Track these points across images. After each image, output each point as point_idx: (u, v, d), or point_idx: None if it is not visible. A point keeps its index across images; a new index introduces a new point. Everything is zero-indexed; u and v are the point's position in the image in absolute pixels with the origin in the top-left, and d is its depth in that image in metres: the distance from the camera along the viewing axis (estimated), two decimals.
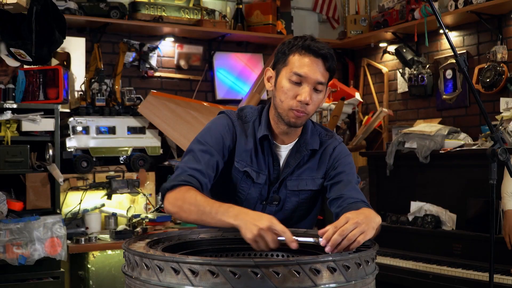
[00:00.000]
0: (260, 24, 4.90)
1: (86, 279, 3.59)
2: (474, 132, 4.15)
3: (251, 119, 1.93)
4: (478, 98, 1.84)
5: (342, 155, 1.96)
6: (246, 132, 1.91)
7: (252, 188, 1.91)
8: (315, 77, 1.78)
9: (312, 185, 1.93)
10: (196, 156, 1.81)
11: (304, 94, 1.78)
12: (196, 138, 1.88)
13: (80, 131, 4.02)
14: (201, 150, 1.82)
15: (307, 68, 1.78)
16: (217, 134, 1.87)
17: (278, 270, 1.23)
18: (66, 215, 3.84)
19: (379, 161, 4.30)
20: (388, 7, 4.86)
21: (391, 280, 3.73)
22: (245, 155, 1.89)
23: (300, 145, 1.92)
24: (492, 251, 1.86)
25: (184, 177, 1.74)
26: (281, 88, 1.83)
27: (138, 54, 4.56)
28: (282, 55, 1.85)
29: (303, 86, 1.79)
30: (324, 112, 4.95)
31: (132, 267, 1.37)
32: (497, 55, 4.03)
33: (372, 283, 1.41)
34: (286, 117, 1.83)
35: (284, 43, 1.87)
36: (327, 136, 1.98)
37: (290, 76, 1.80)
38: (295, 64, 1.80)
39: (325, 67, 1.81)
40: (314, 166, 1.93)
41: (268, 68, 1.92)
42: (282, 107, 1.83)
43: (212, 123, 1.93)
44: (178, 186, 1.72)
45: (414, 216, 3.94)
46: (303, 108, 1.80)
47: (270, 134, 1.89)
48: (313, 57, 1.79)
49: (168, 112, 4.22)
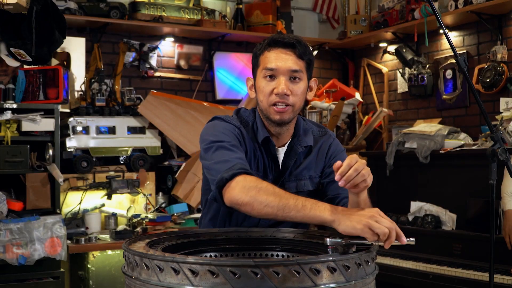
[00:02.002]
0: (260, 24, 4.90)
1: (86, 279, 3.59)
2: (474, 132, 4.15)
3: (250, 123, 1.90)
4: (478, 98, 1.84)
5: (337, 152, 1.94)
6: (249, 136, 1.87)
7: None
8: (287, 66, 1.78)
9: (311, 185, 1.92)
10: (230, 149, 1.71)
11: (280, 86, 1.77)
12: (210, 139, 1.76)
13: (80, 131, 4.02)
14: (230, 145, 1.73)
15: (277, 60, 1.78)
16: (231, 135, 1.79)
17: (278, 270, 1.23)
18: (66, 215, 3.85)
19: (379, 161, 4.30)
20: (388, 7, 4.86)
21: (391, 280, 3.73)
22: (253, 160, 1.86)
23: (294, 144, 1.90)
24: (492, 251, 1.86)
25: (240, 165, 1.64)
26: (259, 88, 1.83)
27: (138, 54, 4.56)
28: (255, 58, 1.86)
29: (278, 79, 1.78)
30: (324, 112, 4.95)
31: (132, 267, 1.37)
32: (497, 55, 4.03)
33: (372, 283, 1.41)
34: (271, 115, 1.80)
35: (255, 47, 1.87)
36: (320, 133, 1.96)
37: (264, 74, 1.80)
38: (266, 61, 1.80)
39: (295, 54, 1.79)
40: (311, 165, 1.92)
41: (249, 77, 1.92)
42: (263, 106, 1.82)
43: (218, 126, 1.83)
44: (239, 174, 1.61)
45: (414, 216, 3.94)
46: (283, 99, 1.77)
47: (269, 135, 1.87)
48: (281, 48, 1.79)
49: (168, 112, 4.22)
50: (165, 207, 4.16)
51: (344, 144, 4.91)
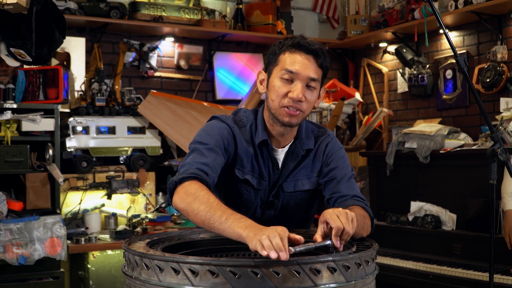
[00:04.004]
0: (260, 24, 4.90)
1: (86, 279, 3.59)
2: (474, 132, 4.15)
3: (247, 123, 1.89)
4: (478, 98, 1.84)
5: (334, 150, 1.94)
6: (244, 137, 1.86)
7: (253, 194, 1.88)
8: (306, 73, 1.76)
9: (308, 184, 1.92)
10: (202, 152, 1.74)
11: (296, 91, 1.75)
12: (195, 140, 1.80)
13: (80, 131, 4.02)
14: (206, 148, 1.75)
15: (298, 64, 1.76)
16: (217, 136, 1.80)
17: (278, 270, 1.23)
18: (66, 215, 3.84)
19: (379, 161, 4.30)
20: (388, 7, 4.86)
21: (391, 280, 3.73)
22: (245, 161, 1.85)
23: (296, 146, 1.89)
24: (492, 251, 1.85)
25: (193, 170, 1.66)
26: (273, 87, 1.80)
27: (138, 54, 4.56)
28: (273, 55, 1.83)
29: (295, 83, 1.76)
30: (324, 112, 4.95)
31: (132, 267, 1.37)
32: (497, 55, 4.03)
33: (372, 283, 1.41)
34: (280, 116, 1.79)
35: (275, 44, 1.85)
36: (320, 133, 1.96)
37: (281, 74, 1.77)
38: (286, 61, 1.77)
39: (317, 63, 1.79)
40: (308, 165, 1.92)
41: (260, 71, 1.90)
42: (274, 106, 1.79)
43: (209, 126, 1.86)
44: (188, 179, 1.63)
45: (414, 216, 3.94)
46: (296, 104, 1.76)
47: (268, 138, 1.86)
48: (304, 53, 1.77)
49: (168, 112, 4.22)
50: (165, 207, 4.16)
51: (344, 144, 4.91)
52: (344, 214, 1.46)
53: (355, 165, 4.85)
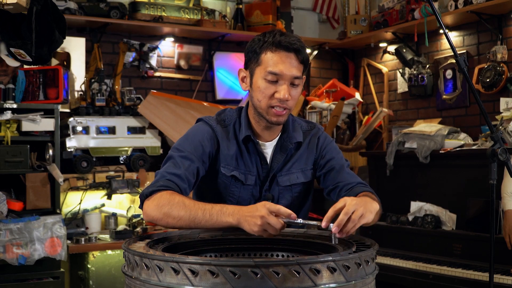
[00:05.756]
0: (260, 24, 4.90)
1: (86, 279, 3.59)
2: (474, 132, 4.15)
3: (231, 122, 1.91)
4: (478, 98, 1.84)
5: (327, 142, 1.97)
6: (227, 136, 1.89)
7: (243, 191, 1.90)
8: (291, 73, 1.77)
9: (303, 177, 1.94)
10: (175, 162, 1.78)
11: (282, 92, 1.76)
12: (174, 146, 1.86)
13: (80, 131, 4.02)
14: (181, 156, 1.79)
15: (281, 65, 1.76)
16: (196, 141, 1.84)
17: (278, 270, 1.23)
18: (66, 215, 3.84)
19: (379, 161, 4.30)
20: (388, 7, 4.86)
21: (391, 280, 3.73)
22: (230, 159, 1.87)
23: (284, 140, 1.91)
24: (492, 251, 1.86)
25: (162, 182, 1.72)
26: (257, 88, 1.80)
27: (138, 54, 4.56)
28: (254, 54, 1.81)
29: (280, 83, 1.77)
30: (324, 112, 4.95)
31: (132, 267, 1.37)
32: (497, 55, 4.03)
33: (372, 283, 1.41)
34: (268, 116, 1.81)
35: (253, 41, 1.83)
36: (309, 127, 1.99)
37: (265, 76, 1.77)
38: (268, 62, 1.77)
39: (298, 60, 1.78)
40: (302, 157, 1.94)
41: (241, 68, 1.89)
42: (261, 106, 1.81)
43: (191, 131, 1.91)
44: (157, 191, 1.69)
45: (414, 216, 3.94)
46: (283, 104, 1.78)
47: (252, 134, 1.88)
48: (286, 52, 1.76)
49: (168, 112, 4.22)
50: None
51: (344, 144, 4.91)
52: (359, 212, 1.49)
53: (355, 165, 4.85)
